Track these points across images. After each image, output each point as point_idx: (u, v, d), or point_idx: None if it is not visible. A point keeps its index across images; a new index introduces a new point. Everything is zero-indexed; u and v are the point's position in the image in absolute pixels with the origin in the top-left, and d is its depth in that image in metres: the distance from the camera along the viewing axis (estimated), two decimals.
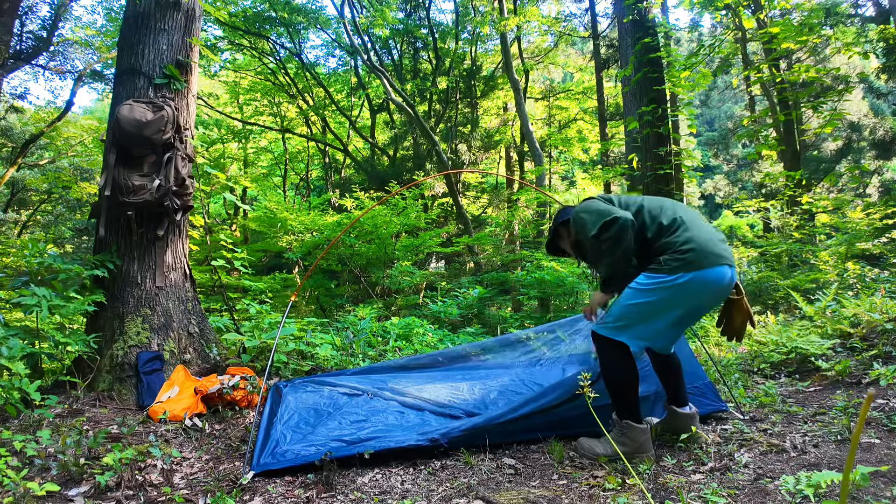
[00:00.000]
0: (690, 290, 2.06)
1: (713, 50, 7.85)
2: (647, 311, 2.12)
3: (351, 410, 2.68)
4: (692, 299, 2.10)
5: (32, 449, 2.20)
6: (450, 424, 2.49)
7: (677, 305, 2.11)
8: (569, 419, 2.46)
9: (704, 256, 2.06)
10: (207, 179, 4.30)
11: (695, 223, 2.18)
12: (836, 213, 7.83)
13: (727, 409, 2.72)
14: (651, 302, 2.10)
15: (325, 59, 20.66)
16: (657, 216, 2.20)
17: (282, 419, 2.59)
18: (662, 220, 2.17)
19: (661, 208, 2.23)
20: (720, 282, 2.10)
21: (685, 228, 2.14)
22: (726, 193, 21.26)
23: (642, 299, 2.11)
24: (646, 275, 2.12)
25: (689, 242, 2.09)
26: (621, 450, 2.10)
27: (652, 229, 2.17)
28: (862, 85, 15.13)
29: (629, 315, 2.15)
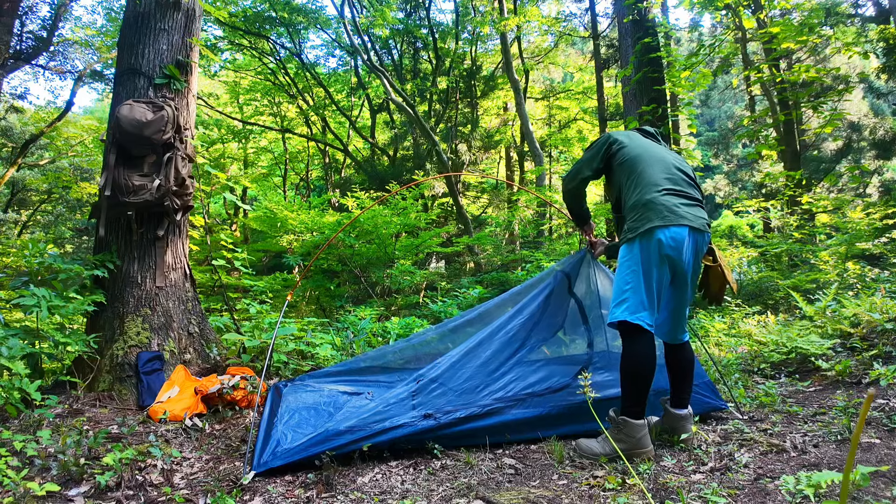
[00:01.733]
0: (641, 257, 2.17)
1: (713, 50, 7.85)
2: (626, 283, 2.20)
3: (351, 408, 2.67)
4: (649, 266, 2.17)
5: (32, 449, 2.20)
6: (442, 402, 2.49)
7: (643, 274, 2.17)
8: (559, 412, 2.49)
9: (648, 220, 2.17)
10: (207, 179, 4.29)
11: (649, 180, 2.25)
12: (837, 213, 7.83)
13: (727, 407, 2.72)
14: (623, 274, 2.21)
15: (325, 59, 20.70)
16: (628, 178, 2.32)
17: (282, 419, 2.58)
18: (629, 183, 2.30)
19: (633, 166, 2.32)
20: (665, 246, 2.15)
21: (636, 191, 2.25)
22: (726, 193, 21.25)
23: (619, 273, 2.24)
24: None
25: (635, 207, 2.22)
26: (620, 447, 2.09)
27: (624, 195, 2.33)
28: (862, 85, 15.13)
29: (617, 291, 2.24)
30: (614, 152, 2.39)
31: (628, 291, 2.18)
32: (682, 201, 2.22)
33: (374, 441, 2.28)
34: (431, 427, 2.35)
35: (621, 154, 2.36)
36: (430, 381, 2.54)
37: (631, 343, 2.19)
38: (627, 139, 2.41)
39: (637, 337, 2.17)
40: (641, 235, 2.17)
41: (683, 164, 2.39)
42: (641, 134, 2.54)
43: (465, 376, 2.57)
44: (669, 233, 2.15)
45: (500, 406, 2.47)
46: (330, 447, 2.24)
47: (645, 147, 2.37)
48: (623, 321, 2.18)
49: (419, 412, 2.39)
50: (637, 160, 2.31)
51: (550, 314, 2.83)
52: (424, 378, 2.56)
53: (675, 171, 2.30)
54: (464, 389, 2.52)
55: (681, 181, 2.29)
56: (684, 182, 2.30)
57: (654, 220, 2.15)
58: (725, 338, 4.70)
